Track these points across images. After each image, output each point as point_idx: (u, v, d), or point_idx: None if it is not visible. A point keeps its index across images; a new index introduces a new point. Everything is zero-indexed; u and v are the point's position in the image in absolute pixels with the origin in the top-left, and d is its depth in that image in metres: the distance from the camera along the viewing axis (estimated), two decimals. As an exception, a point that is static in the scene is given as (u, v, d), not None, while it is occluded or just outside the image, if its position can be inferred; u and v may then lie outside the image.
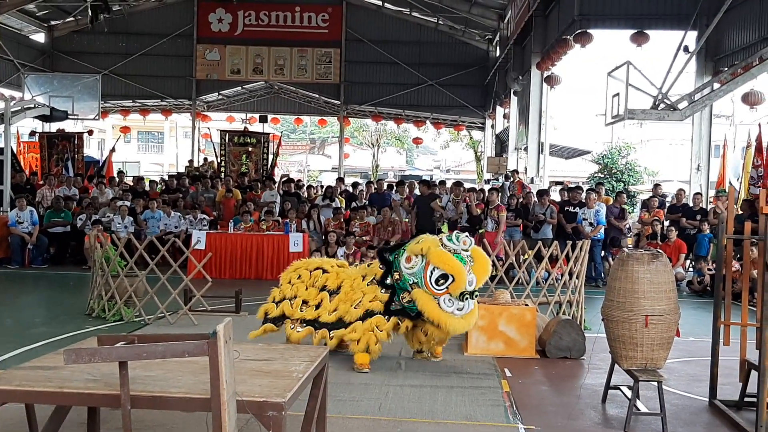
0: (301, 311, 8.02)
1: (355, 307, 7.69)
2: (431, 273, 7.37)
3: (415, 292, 7.44)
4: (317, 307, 7.96)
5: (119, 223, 16.22)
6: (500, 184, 21.24)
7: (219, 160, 24.67)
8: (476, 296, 7.58)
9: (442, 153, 58.59)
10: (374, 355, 7.69)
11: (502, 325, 8.64)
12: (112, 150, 25.95)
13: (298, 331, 7.96)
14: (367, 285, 7.82)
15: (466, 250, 7.54)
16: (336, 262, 8.55)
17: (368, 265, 8.24)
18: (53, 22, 31.13)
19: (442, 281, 7.35)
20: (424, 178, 29.23)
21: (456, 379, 7.55)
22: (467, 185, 20.39)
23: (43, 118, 23.81)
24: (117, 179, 20.92)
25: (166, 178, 23.35)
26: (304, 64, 30.83)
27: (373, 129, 49.38)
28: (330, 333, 7.77)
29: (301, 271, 8.35)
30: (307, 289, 8.14)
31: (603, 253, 15.63)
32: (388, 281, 7.66)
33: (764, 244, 5.92)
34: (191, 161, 28.26)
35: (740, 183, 17.58)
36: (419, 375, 7.68)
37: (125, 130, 36.98)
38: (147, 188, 20.08)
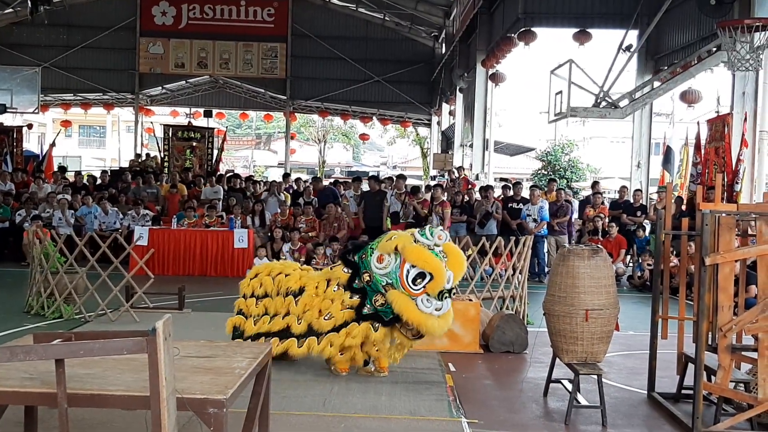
0: (268, 324, 7.43)
1: (326, 318, 7.11)
2: (407, 272, 6.83)
3: (390, 293, 6.86)
4: (285, 315, 7.38)
5: (60, 218, 15.92)
6: (444, 180, 21.33)
7: (162, 155, 24.33)
8: (454, 294, 7.02)
9: (388, 149, 58.69)
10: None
11: (447, 321, 8.68)
12: (53, 144, 25.33)
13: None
14: (333, 291, 7.23)
15: (438, 245, 7.03)
16: (298, 266, 8.01)
17: (330, 269, 7.70)
18: (-9, 13, 30.34)
19: (419, 280, 6.81)
20: (371, 174, 29.24)
21: (400, 375, 7.56)
22: (413, 181, 20.48)
23: (-20, 112, 23.20)
24: (59, 174, 20.47)
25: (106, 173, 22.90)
26: (249, 58, 30.56)
27: (319, 125, 49.26)
28: (299, 341, 7.21)
29: (263, 278, 7.66)
30: (272, 297, 7.52)
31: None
32: (357, 284, 7.08)
33: (701, 239, 6.05)
34: (138, 155, 27.78)
35: (679, 180, 17.93)
36: (364, 371, 7.68)
37: (66, 124, 36.17)
38: (85, 183, 19.69)
